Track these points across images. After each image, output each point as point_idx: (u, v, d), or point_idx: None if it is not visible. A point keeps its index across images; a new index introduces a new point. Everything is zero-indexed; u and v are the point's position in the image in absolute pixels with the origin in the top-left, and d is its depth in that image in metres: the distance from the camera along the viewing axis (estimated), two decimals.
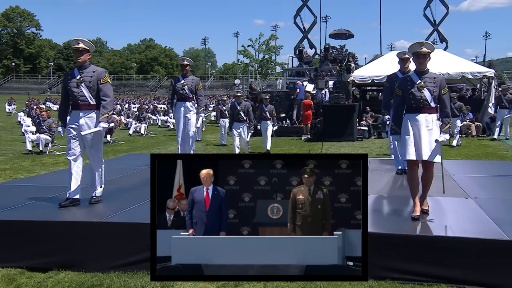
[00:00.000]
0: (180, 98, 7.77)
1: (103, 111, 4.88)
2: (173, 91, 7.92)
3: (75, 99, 4.87)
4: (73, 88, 4.87)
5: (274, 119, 12.49)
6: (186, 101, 7.75)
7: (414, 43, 4.51)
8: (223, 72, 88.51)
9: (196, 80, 7.93)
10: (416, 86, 4.40)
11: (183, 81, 7.73)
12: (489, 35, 77.36)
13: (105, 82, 4.93)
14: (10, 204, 4.92)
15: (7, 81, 73.72)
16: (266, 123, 12.00)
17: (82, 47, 4.84)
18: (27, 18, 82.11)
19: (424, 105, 4.40)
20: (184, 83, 7.72)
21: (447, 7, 29.05)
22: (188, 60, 8.01)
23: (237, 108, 10.82)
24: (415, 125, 4.40)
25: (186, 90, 7.71)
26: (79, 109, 4.91)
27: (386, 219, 4.56)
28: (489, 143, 13.96)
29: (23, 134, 15.85)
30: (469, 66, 18.12)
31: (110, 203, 5.08)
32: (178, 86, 7.75)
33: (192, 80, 7.84)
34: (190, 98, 7.77)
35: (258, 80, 30.95)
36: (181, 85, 7.72)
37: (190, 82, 7.77)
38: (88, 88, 4.86)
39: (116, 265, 4.03)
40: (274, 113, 12.48)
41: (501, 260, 3.58)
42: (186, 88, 7.71)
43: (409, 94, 4.42)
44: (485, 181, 6.41)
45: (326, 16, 51.70)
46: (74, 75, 4.92)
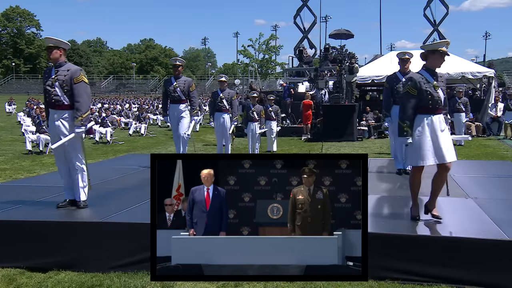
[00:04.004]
0: (173, 101, 7.54)
1: (77, 114, 4.64)
2: (165, 93, 7.67)
3: (50, 98, 4.71)
4: (48, 87, 4.71)
5: (279, 119, 12.49)
6: (179, 103, 7.51)
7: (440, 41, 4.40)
8: (223, 72, 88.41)
9: (189, 81, 7.65)
10: (432, 85, 4.20)
11: (175, 83, 7.49)
12: (489, 35, 77.38)
13: (80, 81, 4.66)
14: (10, 204, 4.91)
15: (7, 81, 73.69)
16: (270, 123, 12.01)
17: (50, 44, 4.67)
18: (27, 18, 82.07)
19: (439, 105, 4.22)
20: (176, 85, 7.47)
21: (447, 7, 29.07)
22: (180, 60, 7.71)
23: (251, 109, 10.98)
24: (431, 127, 4.17)
25: (178, 92, 7.47)
26: (54, 109, 4.74)
27: (386, 219, 4.56)
28: (489, 143, 13.96)
29: (23, 134, 15.84)
30: (469, 66, 18.14)
31: (110, 203, 5.07)
32: (170, 88, 7.50)
33: (185, 81, 7.56)
34: (183, 100, 7.53)
35: (258, 80, 30.93)
36: (173, 87, 7.48)
37: (182, 83, 7.50)
38: (61, 87, 4.64)
39: (116, 265, 4.03)
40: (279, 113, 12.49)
41: (501, 260, 3.58)
42: (178, 90, 7.46)
43: (427, 94, 4.17)
44: (485, 181, 6.41)
45: (326, 16, 51.80)
46: (50, 73, 4.75)
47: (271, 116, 12.09)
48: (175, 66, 7.60)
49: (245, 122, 11.33)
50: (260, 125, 11.17)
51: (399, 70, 6.68)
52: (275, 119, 12.12)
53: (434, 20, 29.44)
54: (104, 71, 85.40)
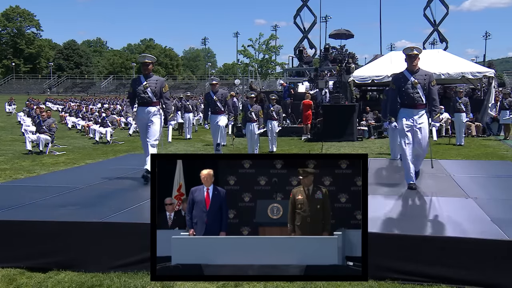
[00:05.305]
0: (142, 103, 6.51)
1: None
2: (133, 94, 6.61)
3: None
4: None
5: (280, 119, 12.47)
6: (149, 105, 6.48)
7: None
8: (223, 72, 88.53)
9: (161, 81, 6.64)
10: None
11: (146, 83, 6.45)
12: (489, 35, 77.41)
13: None
14: (10, 204, 4.92)
15: (7, 81, 73.73)
16: (272, 123, 11.99)
17: None
18: (27, 18, 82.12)
19: None
20: (146, 85, 6.44)
21: (447, 7, 29.04)
22: (149, 57, 6.68)
23: (249, 109, 10.96)
24: None
25: (148, 93, 6.44)
26: None
27: (386, 219, 4.56)
28: (489, 143, 13.97)
29: (23, 134, 15.85)
30: (469, 66, 18.12)
31: (110, 203, 5.08)
32: (139, 89, 6.47)
33: (156, 81, 6.55)
34: (154, 102, 6.50)
35: (258, 80, 30.92)
36: (142, 88, 6.45)
37: (153, 83, 6.49)
38: None
39: (116, 265, 4.03)
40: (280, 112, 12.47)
41: (501, 260, 3.58)
42: (148, 91, 6.43)
43: None
44: (485, 181, 6.41)
45: (326, 16, 51.81)
46: None
47: (273, 116, 12.05)
48: (144, 64, 6.56)
49: (243, 122, 11.27)
50: (259, 125, 11.03)
51: (407, 68, 5.90)
52: (276, 119, 12.07)
53: (434, 20, 29.40)
54: (104, 71, 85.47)
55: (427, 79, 5.75)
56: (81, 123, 20.40)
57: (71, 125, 22.01)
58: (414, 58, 5.75)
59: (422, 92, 5.73)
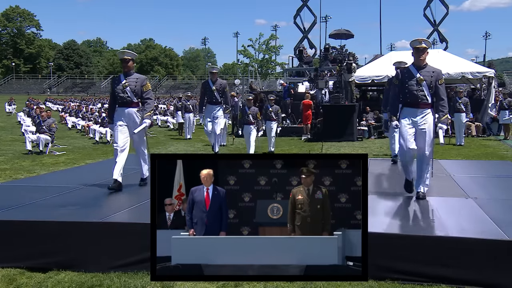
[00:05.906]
0: (122, 103, 6.02)
1: None
2: (112, 94, 6.14)
3: None
4: None
5: (279, 120, 12.44)
6: (129, 106, 6.00)
7: None
8: (223, 72, 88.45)
9: (142, 79, 6.15)
10: None
11: (125, 81, 5.99)
12: (489, 35, 77.38)
13: None
14: (10, 204, 4.92)
15: (7, 81, 73.72)
16: (270, 123, 11.97)
17: None
18: (27, 18, 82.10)
19: None
20: (126, 84, 5.98)
21: (447, 7, 29.07)
22: (129, 53, 6.18)
23: (247, 112, 10.78)
24: None
25: (128, 92, 5.96)
26: None
27: (386, 219, 4.56)
28: (489, 143, 13.97)
29: (23, 134, 15.85)
30: (469, 66, 18.14)
31: (110, 203, 5.08)
32: (119, 88, 6.00)
33: (137, 79, 6.07)
34: (134, 102, 6.03)
35: (258, 80, 30.90)
36: (122, 87, 5.98)
37: (133, 82, 6.02)
38: None
39: (116, 265, 4.03)
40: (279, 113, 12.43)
41: (501, 260, 3.58)
42: (128, 90, 5.96)
43: None
44: (485, 181, 6.41)
45: (326, 16, 51.77)
46: None
47: (271, 116, 12.02)
48: (124, 60, 6.07)
49: (240, 124, 11.14)
50: (257, 127, 10.89)
51: (413, 63, 5.34)
52: (275, 120, 12.03)
53: (434, 20, 29.44)
54: (104, 71, 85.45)
55: (434, 77, 5.20)
56: (81, 123, 20.41)
57: (71, 125, 22.02)
58: (422, 52, 5.19)
59: (427, 91, 5.18)
